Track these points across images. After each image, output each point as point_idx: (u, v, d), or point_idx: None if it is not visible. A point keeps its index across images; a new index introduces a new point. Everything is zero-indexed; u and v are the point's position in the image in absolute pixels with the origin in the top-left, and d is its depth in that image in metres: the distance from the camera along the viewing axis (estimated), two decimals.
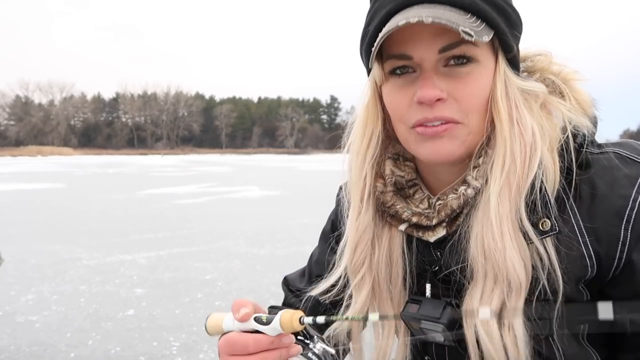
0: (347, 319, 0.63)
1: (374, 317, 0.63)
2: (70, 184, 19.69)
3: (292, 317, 0.64)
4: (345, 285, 0.84)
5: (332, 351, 0.73)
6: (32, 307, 4.67)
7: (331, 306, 0.89)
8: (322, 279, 0.88)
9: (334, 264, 0.86)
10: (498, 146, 0.71)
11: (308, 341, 0.77)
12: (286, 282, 1.08)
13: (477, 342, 0.72)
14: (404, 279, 0.81)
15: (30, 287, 5.27)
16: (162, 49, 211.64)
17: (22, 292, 5.10)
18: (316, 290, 0.87)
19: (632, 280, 0.68)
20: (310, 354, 0.74)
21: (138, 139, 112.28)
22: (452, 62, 0.70)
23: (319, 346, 0.76)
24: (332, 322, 0.85)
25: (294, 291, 1.04)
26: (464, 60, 0.69)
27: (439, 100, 0.69)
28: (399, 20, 0.66)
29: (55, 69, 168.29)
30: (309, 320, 0.64)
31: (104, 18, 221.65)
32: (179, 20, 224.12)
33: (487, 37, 0.67)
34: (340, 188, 0.97)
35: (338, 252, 0.85)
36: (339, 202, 0.98)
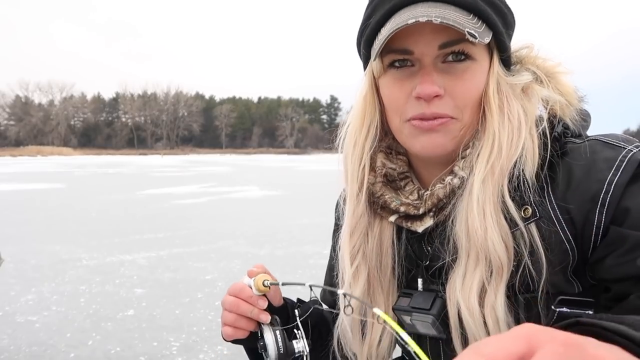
0: (304, 284, 0.74)
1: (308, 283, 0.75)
2: (70, 184, 19.69)
3: (259, 279, 0.82)
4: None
5: (306, 352, 0.81)
6: (32, 307, 4.67)
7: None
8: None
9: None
10: (487, 137, 0.73)
11: (297, 339, 0.82)
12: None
13: (460, 321, 0.73)
14: (393, 268, 0.83)
15: (30, 287, 5.27)
16: (161, 49, 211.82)
17: (22, 292, 5.10)
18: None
19: (605, 246, 0.68)
20: (277, 332, 0.81)
21: (138, 139, 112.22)
22: (450, 58, 0.71)
23: (300, 345, 0.82)
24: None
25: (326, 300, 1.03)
26: (462, 56, 0.71)
27: (436, 96, 0.71)
28: (407, 18, 0.67)
29: (55, 69, 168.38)
30: (267, 283, 0.81)
31: (103, 18, 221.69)
32: (178, 20, 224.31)
33: (487, 38, 0.69)
34: (337, 204, 0.96)
35: (339, 242, 0.87)
36: (338, 219, 0.97)
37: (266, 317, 0.83)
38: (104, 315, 4.43)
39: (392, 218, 0.80)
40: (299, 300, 0.98)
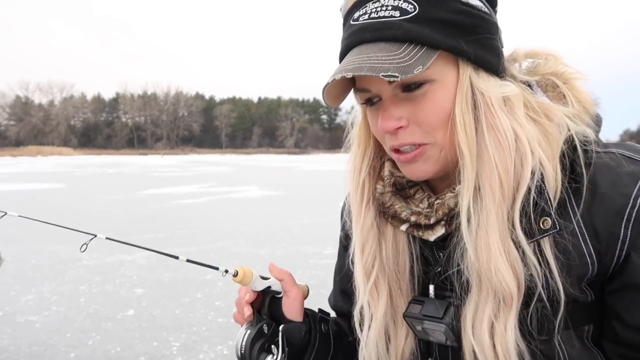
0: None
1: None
2: (71, 183, 19.69)
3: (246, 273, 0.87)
4: None
5: None
6: (32, 307, 4.67)
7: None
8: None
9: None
10: (464, 158, 0.70)
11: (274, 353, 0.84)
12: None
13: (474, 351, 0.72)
14: (412, 267, 0.82)
15: (30, 287, 5.28)
16: (161, 49, 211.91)
17: (22, 292, 5.10)
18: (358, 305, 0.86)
19: (624, 274, 0.69)
20: (248, 332, 0.83)
21: (138, 139, 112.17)
22: (405, 88, 0.71)
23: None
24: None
25: (341, 313, 1.03)
26: (414, 85, 0.70)
27: (400, 127, 0.72)
28: (344, 66, 0.69)
29: (54, 68, 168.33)
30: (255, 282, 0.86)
31: (102, 17, 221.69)
32: (178, 20, 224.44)
33: (422, 66, 0.65)
34: (343, 207, 0.97)
35: (349, 258, 0.87)
36: (344, 223, 0.97)
37: (246, 310, 0.87)
38: (104, 315, 4.44)
39: (403, 227, 0.79)
40: (320, 310, 0.96)
